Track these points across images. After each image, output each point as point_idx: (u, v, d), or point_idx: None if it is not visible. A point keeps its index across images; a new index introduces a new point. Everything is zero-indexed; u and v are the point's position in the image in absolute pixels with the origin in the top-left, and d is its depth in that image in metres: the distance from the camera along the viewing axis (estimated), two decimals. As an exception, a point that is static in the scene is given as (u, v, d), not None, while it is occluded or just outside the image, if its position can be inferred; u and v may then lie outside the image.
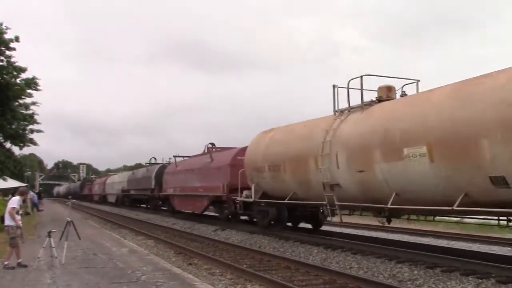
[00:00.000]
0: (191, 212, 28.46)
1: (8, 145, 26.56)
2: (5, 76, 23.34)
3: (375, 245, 13.86)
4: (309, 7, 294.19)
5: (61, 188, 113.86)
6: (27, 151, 58.24)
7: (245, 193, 18.91)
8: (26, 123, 26.36)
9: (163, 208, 35.17)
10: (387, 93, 13.62)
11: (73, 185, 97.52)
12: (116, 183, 52.55)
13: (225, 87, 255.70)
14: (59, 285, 8.82)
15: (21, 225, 11.14)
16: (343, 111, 14.32)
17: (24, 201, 13.73)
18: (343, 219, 14.99)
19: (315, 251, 13.84)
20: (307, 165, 14.89)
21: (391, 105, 12.87)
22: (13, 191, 16.69)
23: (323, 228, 19.10)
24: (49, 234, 11.11)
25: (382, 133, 11.93)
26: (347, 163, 13.08)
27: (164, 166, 36.07)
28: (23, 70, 23.92)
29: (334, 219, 15.38)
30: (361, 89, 13.58)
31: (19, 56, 31.34)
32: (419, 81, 13.77)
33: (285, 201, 16.60)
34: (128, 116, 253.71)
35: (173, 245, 16.08)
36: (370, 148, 12.17)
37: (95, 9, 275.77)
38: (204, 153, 27.31)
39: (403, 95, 13.50)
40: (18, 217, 10.95)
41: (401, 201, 11.57)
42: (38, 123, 26.87)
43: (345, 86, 13.93)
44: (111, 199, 54.79)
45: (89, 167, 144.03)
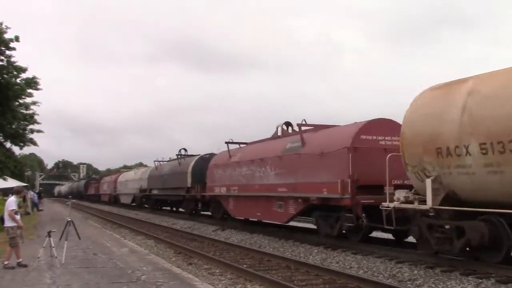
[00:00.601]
0: (257, 220, 20.54)
1: (8, 145, 26.61)
2: (5, 76, 23.32)
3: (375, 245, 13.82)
4: (309, 7, 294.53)
5: (63, 187, 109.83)
6: (27, 151, 58.45)
7: (403, 194, 11.67)
8: (26, 123, 26.34)
9: (205, 213, 28.04)
10: None
11: (76, 184, 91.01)
12: (130, 181, 45.27)
13: (225, 87, 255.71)
14: (59, 285, 8.82)
15: (22, 224, 11.16)
16: None
17: (24, 199, 13.72)
18: None
19: (315, 251, 13.83)
20: None
21: None
22: (12, 192, 16.67)
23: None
24: (49, 234, 11.12)
25: None
26: None
27: (203, 158, 28.54)
28: (23, 70, 23.89)
29: None
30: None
31: (19, 56, 31.35)
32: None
33: None
34: (128, 116, 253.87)
35: (173, 245, 16.10)
36: None
37: (95, 9, 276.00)
38: (277, 136, 20.03)
39: None
40: (18, 217, 10.96)
41: None
42: (38, 123, 26.90)
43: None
44: (125, 200, 47.65)
45: (89, 167, 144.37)
